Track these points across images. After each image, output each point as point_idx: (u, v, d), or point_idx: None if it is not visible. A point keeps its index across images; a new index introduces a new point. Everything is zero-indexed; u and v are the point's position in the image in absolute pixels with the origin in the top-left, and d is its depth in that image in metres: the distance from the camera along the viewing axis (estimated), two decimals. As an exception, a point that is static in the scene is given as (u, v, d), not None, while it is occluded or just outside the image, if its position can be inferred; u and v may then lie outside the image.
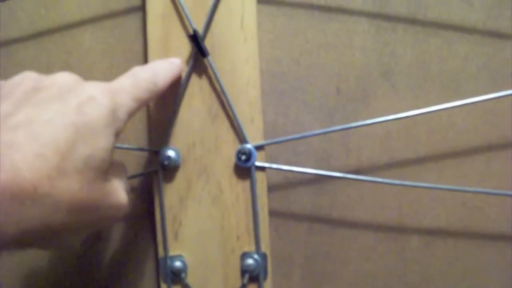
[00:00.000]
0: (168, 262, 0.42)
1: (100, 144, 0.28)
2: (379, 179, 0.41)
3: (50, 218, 0.25)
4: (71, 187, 0.26)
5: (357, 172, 0.42)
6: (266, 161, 0.42)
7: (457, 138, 0.43)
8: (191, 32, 0.40)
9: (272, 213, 0.43)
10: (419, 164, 0.43)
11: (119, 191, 0.30)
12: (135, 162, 0.43)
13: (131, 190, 0.43)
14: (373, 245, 0.43)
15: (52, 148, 0.25)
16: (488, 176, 0.43)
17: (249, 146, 0.41)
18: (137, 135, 0.43)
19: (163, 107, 0.41)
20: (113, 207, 0.30)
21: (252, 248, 0.42)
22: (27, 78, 0.30)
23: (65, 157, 0.26)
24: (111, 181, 0.30)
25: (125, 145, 0.43)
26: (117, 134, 0.30)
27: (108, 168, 0.29)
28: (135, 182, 0.44)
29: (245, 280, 0.41)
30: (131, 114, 0.31)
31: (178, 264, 0.42)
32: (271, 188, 0.42)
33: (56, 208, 0.25)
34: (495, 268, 0.43)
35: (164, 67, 0.37)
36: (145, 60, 0.42)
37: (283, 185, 0.43)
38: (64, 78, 0.30)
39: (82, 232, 0.29)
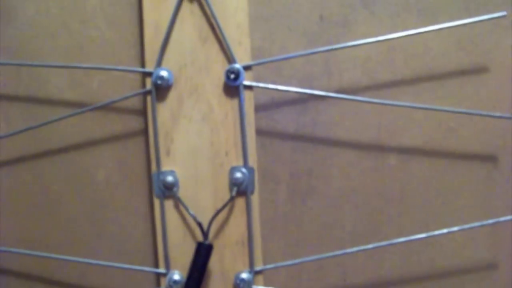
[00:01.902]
0: (161, 177, 0.44)
1: None
2: (360, 98, 0.44)
3: None
4: None
5: (338, 93, 0.45)
6: (253, 80, 0.44)
7: (433, 62, 0.46)
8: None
9: (259, 132, 0.45)
10: (397, 86, 0.46)
11: None
12: (129, 84, 0.46)
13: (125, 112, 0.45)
14: (354, 162, 0.46)
15: None
16: (462, 99, 0.46)
17: (237, 65, 0.43)
18: (131, 59, 0.46)
19: (155, 31, 0.44)
20: None
21: (240, 162, 0.44)
22: None
23: None
24: None
25: (120, 67, 0.45)
26: None
27: None
28: (129, 102, 0.46)
29: (234, 192, 0.44)
30: None
31: (170, 178, 0.44)
32: (258, 108, 0.45)
33: None
34: (468, 185, 0.46)
35: None
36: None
37: (268, 105, 0.46)
38: None
39: None
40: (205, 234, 0.43)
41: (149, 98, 0.44)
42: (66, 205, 0.48)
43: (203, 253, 0.43)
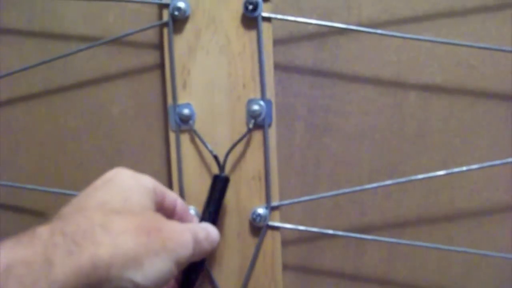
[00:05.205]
0: (177, 109, 0.44)
1: None
2: (380, 31, 0.43)
3: None
4: None
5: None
6: (272, 12, 0.43)
7: (454, -2, 0.45)
8: None
9: (276, 66, 0.44)
10: (417, 22, 0.45)
11: None
12: (145, 17, 0.45)
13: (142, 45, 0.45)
14: (372, 99, 0.45)
15: None
16: (484, 36, 0.45)
17: (256, -4, 0.42)
18: (148, -10, 0.45)
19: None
20: None
21: (258, 95, 0.44)
22: None
23: None
24: None
25: (136, -1, 0.44)
26: None
27: None
28: (145, 36, 0.45)
29: (251, 125, 0.43)
30: None
31: (186, 111, 0.44)
32: (276, 42, 0.44)
33: None
34: (488, 124, 0.46)
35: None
36: None
37: (287, 39, 0.45)
38: None
39: None
40: (221, 167, 0.43)
41: (165, 30, 0.44)
42: (81, 141, 0.47)
43: (219, 186, 0.42)
